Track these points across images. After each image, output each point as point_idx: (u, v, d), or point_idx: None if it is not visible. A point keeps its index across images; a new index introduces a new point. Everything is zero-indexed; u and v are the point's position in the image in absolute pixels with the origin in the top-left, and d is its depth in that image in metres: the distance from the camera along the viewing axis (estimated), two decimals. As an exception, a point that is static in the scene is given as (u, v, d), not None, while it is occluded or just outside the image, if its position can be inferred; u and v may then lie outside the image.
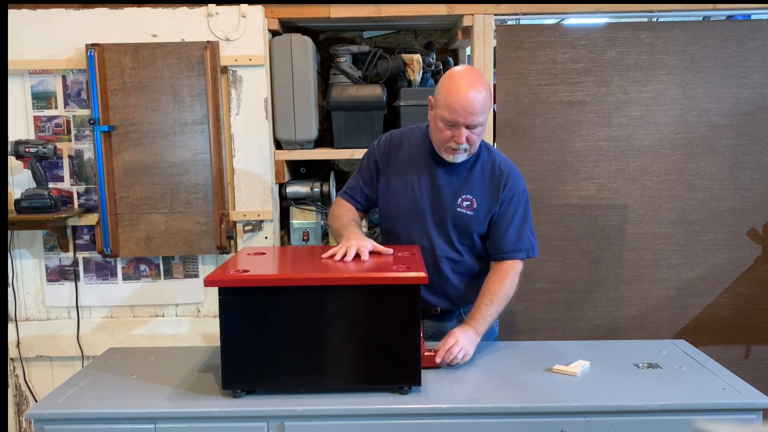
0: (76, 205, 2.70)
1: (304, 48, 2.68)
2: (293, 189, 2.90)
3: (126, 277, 2.75)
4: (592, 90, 2.75)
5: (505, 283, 2.00)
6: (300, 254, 2.07)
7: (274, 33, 2.74)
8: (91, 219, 2.69)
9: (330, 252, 1.84)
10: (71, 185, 2.70)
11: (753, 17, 2.85)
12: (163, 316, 2.78)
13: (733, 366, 2.19)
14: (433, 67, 2.90)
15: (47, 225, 2.57)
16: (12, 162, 2.62)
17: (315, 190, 2.91)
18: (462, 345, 1.85)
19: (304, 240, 2.88)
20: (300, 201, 2.93)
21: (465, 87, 1.88)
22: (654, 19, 2.86)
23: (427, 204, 2.04)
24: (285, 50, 2.67)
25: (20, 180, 2.65)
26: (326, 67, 2.98)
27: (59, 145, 2.64)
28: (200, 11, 2.59)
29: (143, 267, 2.75)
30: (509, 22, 2.86)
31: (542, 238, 2.64)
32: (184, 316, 2.78)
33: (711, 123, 2.76)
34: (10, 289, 2.72)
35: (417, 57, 2.84)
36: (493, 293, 1.97)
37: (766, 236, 2.82)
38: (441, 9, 2.66)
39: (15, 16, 2.55)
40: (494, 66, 2.71)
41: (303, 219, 2.90)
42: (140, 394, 1.71)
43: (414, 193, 2.05)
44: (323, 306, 1.65)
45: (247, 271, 1.67)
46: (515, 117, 2.76)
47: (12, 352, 2.74)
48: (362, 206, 2.16)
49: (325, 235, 2.92)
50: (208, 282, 1.64)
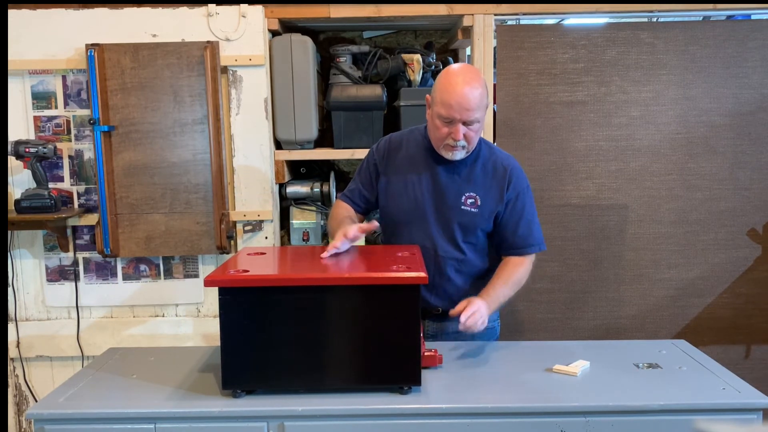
0: (76, 205, 2.70)
1: (304, 48, 2.68)
2: (293, 189, 2.91)
3: (126, 277, 2.75)
4: (592, 90, 2.75)
5: (520, 269, 2.02)
6: (300, 254, 2.07)
7: (274, 33, 2.74)
8: (91, 219, 2.69)
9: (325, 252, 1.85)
10: (71, 185, 2.70)
11: (753, 17, 2.85)
12: (163, 316, 2.78)
13: (733, 366, 2.18)
14: (433, 67, 2.90)
15: (47, 225, 2.57)
16: (12, 162, 2.62)
17: (315, 190, 2.91)
18: (483, 313, 1.84)
19: (304, 240, 2.89)
20: (300, 201, 2.93)
21: (461, 83, 1.89)
22: (654, 19, 2.85)
23: (430, 204, 2.04)
24: (285, 50, 2.67)
25: (20, 180, 2.65)
26: (326, 67, 2.98)
27: (59, 145, 2.64)
28: (200, 11, 2.59)
29: (143, 267, 2.75)
30: (509, 22, 2.86)
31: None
32: (184, 316, 2.78)
33: (711, 123, 2.76)
34: (10, 289, 2.72)
35: (417, 57, 2.84)
36: (507, 276, 1.99)
37: (766, 236, 2.82)
38: (441, 9, 2.66)
39: (15, 16, 2.56)
40: (494, 66, 2.71)
41: (303, 219, 2.90)
42: (140, 394, 1.71)
43: (415, 194, 2.05)
44: (323, 306, 1.65)
45: (247, 271, 1.67)
46: (515, 117, 2.76)
47: (12, 352, 2.74)
48: (361, 208, 2.17)
49: (325, 236, 2.92)
50: (208, 282, 1.64)
